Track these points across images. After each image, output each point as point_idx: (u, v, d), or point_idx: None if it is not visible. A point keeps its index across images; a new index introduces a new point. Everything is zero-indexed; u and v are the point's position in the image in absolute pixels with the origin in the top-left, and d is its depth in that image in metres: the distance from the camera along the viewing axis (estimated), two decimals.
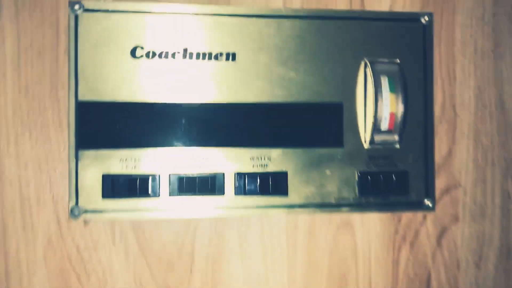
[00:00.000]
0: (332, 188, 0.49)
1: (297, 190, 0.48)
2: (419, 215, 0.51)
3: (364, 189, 0.49)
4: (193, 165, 0.47)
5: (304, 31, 0.49)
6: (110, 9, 0.46)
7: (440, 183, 0.51)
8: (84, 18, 0.46)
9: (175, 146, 0.46)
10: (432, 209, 0.50)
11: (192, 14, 0.47)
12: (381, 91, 0.48)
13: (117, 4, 0.46)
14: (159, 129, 0.46)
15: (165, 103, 0.46)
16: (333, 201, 0.49)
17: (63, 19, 0.45)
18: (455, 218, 0.51)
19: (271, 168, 0.48)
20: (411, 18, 0.51)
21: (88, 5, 0.46)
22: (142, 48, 0.46)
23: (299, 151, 0.48)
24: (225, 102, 0.47)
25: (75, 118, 0.45)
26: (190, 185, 0.46)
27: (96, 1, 0.46)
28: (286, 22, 0.49)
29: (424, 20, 0.51)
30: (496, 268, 0.52)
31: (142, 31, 0.46)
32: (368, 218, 0.50)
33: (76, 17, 0.46)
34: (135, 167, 0.46)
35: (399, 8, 0.51)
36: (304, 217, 0.49)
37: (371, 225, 0.50)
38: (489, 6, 0.53)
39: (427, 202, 0.50)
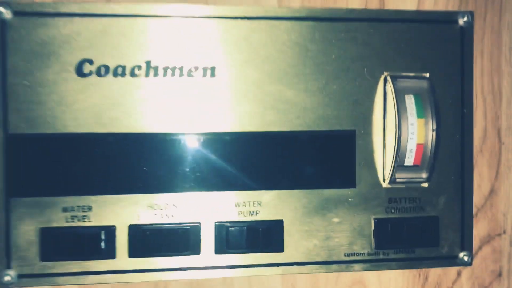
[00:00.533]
0: (341, 240, 0.38)
1: (296, 243, 0.38)
2: (452, 271, 0.40)
3: (382, 241, 0.39)
4: (160, 215, 0.36)
5: (305, 37, 0.37)
6: (49, 11, 0.35)
7: (479, 230, 0.40)
8: (15, 23, 0.34)
9: (136, 191, 0.36)
10: (469, 263, 0.40)
11: (158, 16, 0.36)
12: (406, 116, 0.37)
13: (58, 5, 0.35)
14: (114, 168, 0.35)
15: (121, 133, 0.35)
16: (342, 257, 0.38)
17: None
18: (498, 274, 0.40)
19: (262, 216, 0.37)
20: (445, 19, 0.40)
21: (19, 7, 0.34)
22: (91, 63, 0.35)
23: (298, 193, 0.38)
24: (200, 132, 0.36)
25: (4, 156, 0.34)
26: (156, 241, 0.36)
27: (30, 1, 0.35)
28: (281, 26, 0.37)
29: (462, 21, 0.39)
30: None
31: (90, 41, 0.35)
32: (387, 276, 0.39)
33: (3, 23, 0.34)
34: (83, 218, 0.35)
35: (429, 6, 0.40)
36: (304, 278, 0.38)
37: (391, 285, 0.39)
38: None
39: (463, 255, 0.39)
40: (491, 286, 0.40)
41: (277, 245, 0.37)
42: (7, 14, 0.35)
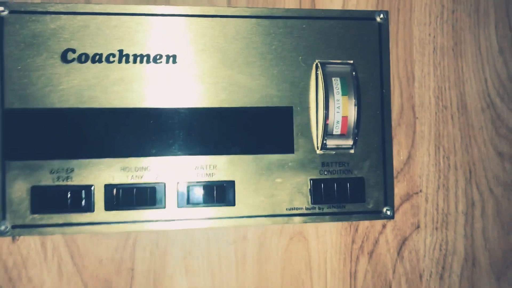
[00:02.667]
0: (283, 197, 0.46)
1: (246, 200, 0.45)
2: (378, 224, 0.48)
3: (318, 198, 0.46)
4: (131, 176, 0.44)
5: (251, 32, 0.46)
6: (38, 10, 0.43)
7: (399, 189, 0.48)
8: (10, 19, 0.42)
9: (112, 156, 0.43)
10: (392, 217, 0.48)
11: (129, 14, 0.44)
12: (332, 94, 0.46)
13: (46, 5, 0.43)
14: (92, 137, 0.43)
15: (98, 108, 0.43)
16: (284, 211, 0.46)
17: None
18: (416, 227, 0.49)
19: (217, 177, 0.45)
20: (366, 17, 0.49)
21: (14, 6, 0.43)
22: (73, 51, 0.43)
23: (247, 158, 0.45)
24: (165, 107, 0.44)
25: (1, 127, 0.42)
26: (128, 197, 0.43)
27: (22, 1, 0.43)
28: (231, 22, 0.46)
29: (379, 18, 0.49)
30: (461, 278, 0.49)
31: (73, 34, 0.43)
32: (322, 228, 0.47)
33: (1, 19, 0.42)
34: (67, 178, 0.43)
35: (352, 6, 0.49)
36: (253, 229, 0.46)
37: (326, 236, 0.47)
38: (448, 3, 0.50)
39: (386, 210, 0.48)
40: (411, 236, 0.49)
41: (230, 201, 0.45)
42: (5, 12, 0.43)
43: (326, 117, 0.45)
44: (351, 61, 0.47)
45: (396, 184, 0.48)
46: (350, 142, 0.46)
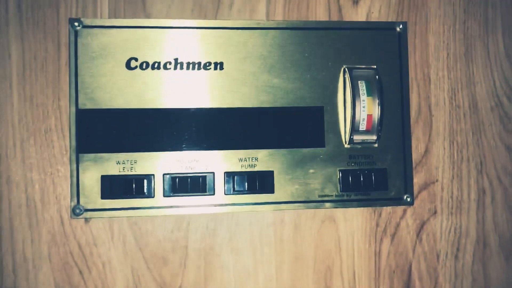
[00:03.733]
0: (316, 185, 0.52)
1: (283, 188, 0.52)
2: (399, 209, 0.54)
3: (346, 186, 0.53)
4: (185, 167, 0.50)
5: (287, 41, 0.53)
6: (106, 25, 0.50)
7: (418, 179, 0.55)
8: (83, 33, 0.50)
9: (169, 150, 0.50)
10: (411, 203, 0.54)
11: (182, 28, 0.51)
12: (358, 95, 0.52)
13: (113, 21, 0.50)
14: (154, 133, 0.50)
15: (158, 109, 0.50)
16: (316, 197, 0.52)
17: (64, 34, 0.50)
18: (433, 212, 0.55)
19: (258, 168, 0.52)
20: (387, 27, 0.55)
21: (87, 22, 0.50)
22: (136, 59, 0.50)
23: (284, 151, 0.52)
24: (214, 107, 0.51)
25: (75, 125, 0.49)
26: (182, 185, 0.50)
27: (93, 18, 0.50)
28: (269, 33, 0.53)
29: (398, 28, 0.55)
30: (473, 258, 0.55)
31: (136, 44, 0.50)
32: (350, 213, 0.53)
33: (76, 33, 0.50)
34: (131, 169, 0.50)
35: (375, 18, 0.55)
36: (290, 213, 0.53)
37: (353, 220, 0.53)
38: (460, 14, 0.56)
39: (406, 197, 0.54)
40: (428, 221, 0.55)
41: (269, 189, 0.52)
42: (79, 26, 0.50)
43: (353, 115, 0.52)
44: (375, 66, 0.54)
45: (415, 175, 0.55)
46: (374, 137, 0.53)
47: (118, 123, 0.50)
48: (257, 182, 0.51)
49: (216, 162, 0.51)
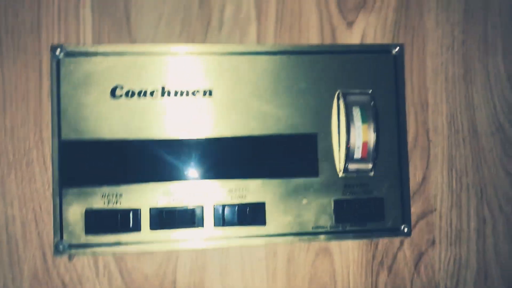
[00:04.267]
0: (309, 217, 0.50)
1: (275, 219, 0.50)
2: (396, 240, 0.52)
3: (340, 217, 0.51)
4: (172, 199, 0.48)
5: (278, 66, 0.51)
6: (90, 52, 0.48)
7: (415, 208, 0.53)
8: (66, 61, 0.48)
9: (155, 181, 0.48)
10: (409, 234, 0.52)
11: (169, 54, 0.49)
12: (353, 122, 0.50)
13: (97, 47, 0.48)
14: (140, 165, 0.48)
15: (144, 140, 0.48)
16: (310, 229, 0.50)
17: (46, 63, 0.48)
18: (432, 243, 0.53)
19: (249, 199, 0.50)
20: (382, 50, 0.53)
21: (69, 48, 0.48)
22: (121, 88, 0.48)
23: (276, 182, 0.50)
24: (203, 138, 0.49)
25: (58, 157, 0.47)
26: (170, 218, 0.48)
27: (76, 44, 0.48)
28: (260, 58, 0.51)
29: (394, 51, 0.53)
30: None
31: (121, 72, 0.48)
32: (345, 245, 0.51)
33: (58, 61, 0.48)
34: (116, 202, 0.48)
35: (370, 40, 0.53)
36: (282, 246, 0.50)
37: (349, 252, 0.51)
38: (458, 34, 0.54)
39: (404, 227, 0.52)
40: (426, 251, 0.53)
41: (261, 221, 0.50)
42: (61, 54, 0.48)
43: (347, 142, 0.50)
44: (370, 91, 0.52)
45: (413, 204, 0.52)
46: (369, 165, 0.51)
47: (103, 154, 0.48)
48: (248, 214, 0.49)
49: (205, 193, 0.49)
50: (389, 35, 0.54)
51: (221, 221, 0.49)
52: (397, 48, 0.53)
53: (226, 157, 0.49)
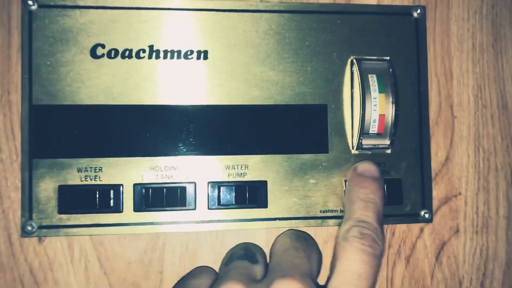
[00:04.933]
0: (317, 198, 0.44)
1: (278, 201, 0.43)
2: (415, 227, 0.46)
3: None
4: (161, 175, 0.42)
5: (284, 27, 0.45)
6: (68, 5, 0.42)
7: (438, 192, 0.46)
8: (39, 13, 0.41)
9: (142, 155, 0.42)
10: (430, 220, 0.45)
11: (159, 9, 0.43)
12: (369, 91, 0.44)
13: (76, 0, 0.42)
14: (123, 135, 0.42)
15: (129, 105, 0.42)
16: (318, 213, 0.44)
17: (16, 15, 0.41)
18: (456, 231, 0.46)
19: (249, 177, 0.43)
20: (402, 12, 0.47)
21: (44, 0, 0.41)
22: (103, 46, 0.42)
23: (279, 158, 0.44)
24: (196, 105, 0.43)
25: (28, 124, 0.41)
26: (157, 198, 0.42)
27: None
28: (263, 17, 0.44)
29: (416, 14, 0.47)
30: (503, 286, 0.46)
31: (103, 28, 0.42)
32: None
33: (30, 13, 0.41)
34: (95, 178, 0.41)
35: (388, 1, 0.47)
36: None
37: None
38: None
39: (424, 213, 0.45)
40: (449, 241, 0.46)
41: (262, 202, 0.43)
42: (34, 6, 0.41)
43: (362, 115, 0.43)
44: (388, 58, 0.45)
45: (434, 186, 0.46)
46: (387, 141, 0.45)
47: (80, 122, 0.41)
48: (248, 194, 0.43)
49: (198, 170, 0.43)
50: None
51: (216, 201, 0.43)
52: (419, 10, 0.47)
53: (222, 129, 0.43)
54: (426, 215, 0.45)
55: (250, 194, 0.43)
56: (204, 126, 0.43)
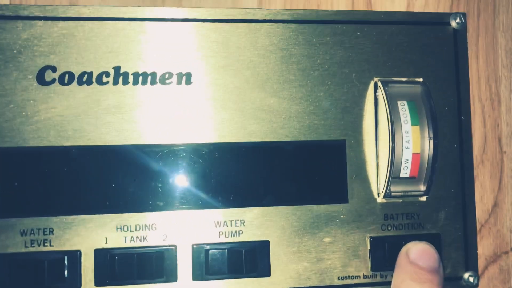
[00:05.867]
0: (334, 262, 0.34)
1: (284, 267, 0.34)
2: None
3: (379, 262, 0.35)
4: (131, 237, 0.32)
5: (289, 41, 0.35)
6: (7, 15, 0.32)
7: (484, 248, 0.37)
8: None
9: (103, 211, 0.32)
10: (475, 285, 0.36)
11: (127, 19, 0.33)
12: (399, 123, 0.34)
13: (17, 9, 0.32)
14: (80, 186, 0.31)
15: (85, 147, 0.32)
16: (336, 280, 0.34)
17: None
18: None
19: (246, 236, 0.33)
20: (437, 21, 0.37)
21: None
22: (53, 69, 0.32)
23: (285, 210, 0.34)
24: (176, 144, 0.33)
25: None
26: (126, 268, 0.32)
27: None
28: (262, 28, 0.35)
29: (454, 23, 0.37)
30: None
31: (53, 46, 0.32)
32: None
33: None
34: (44, 242, 0.31)
35: (419, 7, 0.37)
36: None
37: None
38: None
39: (468, 276, 0.36)
40: None
41: (263, 270, 0.33)
42: None
43: (391, 154, 0.34)
44: (421, 79, 0.36)
45: (480, 241, 0.37)
46: (422, 187, 0.35)
47: (24, 170, 0.31)
48: (244, 260, 0.33)
49: (180, 230, 0.33)
50: (446, 1, 0.38)
51: (203, 270, 0.33)
52: (458, 19, 0.37)
53: (211, 174, 0.33)
54: (471, 279, 0.36)
55: (248, 259, 0.33)
56: (187, 172, 0.33)
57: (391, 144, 0.34)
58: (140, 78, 0.33)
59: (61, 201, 0.32)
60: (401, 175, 0.34)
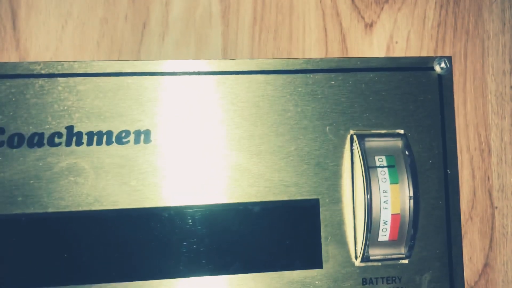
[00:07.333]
0: None
1: None
2: None
3: None
4: None
5: (256, 92, 0.33)
6: None
7: None
8: None
9: (54, 283, 0.30)
10: None
11: (82, 75, 0.31)
12: (376, 181, 0.31)
13: None
14: (30, 258, 0.29)
15: (38, 214, 0.30)
16: None
17: None
18: None
19: None
20: (420, 66, 0.34)
21: None
22: (1, 131, 0.30)
23: (253, 278, 0.32)
24: (131, 208, 0.30)
25: None
26: None
27: None
28: (227, 81, 0.32)
29: (439, 67, 0.34)
30: None
31: (1, 106, 0.30)
32: None
33: None
34: None
35: (400, 51, 0.35)
36: None
37: None
38: None
39: None
40: None
41: None
42: None
43: (368, 216, 0.31)
44: (402, 131, 0.33)
45: None
46: (402, 250, 0.32)
47: None
48: None
49: None
50: (430, 43, 0.35)
51: None
52: (443, 63, 0.34)
53: (170, 241, 0.31)
54: None
55: None
56: (148, 239, 0.31)
57: (367, 204, 0.31)
58: (95, 138, 0.31)
59: (9, 276, 0.29)
60: (379, 239, 0.32)
